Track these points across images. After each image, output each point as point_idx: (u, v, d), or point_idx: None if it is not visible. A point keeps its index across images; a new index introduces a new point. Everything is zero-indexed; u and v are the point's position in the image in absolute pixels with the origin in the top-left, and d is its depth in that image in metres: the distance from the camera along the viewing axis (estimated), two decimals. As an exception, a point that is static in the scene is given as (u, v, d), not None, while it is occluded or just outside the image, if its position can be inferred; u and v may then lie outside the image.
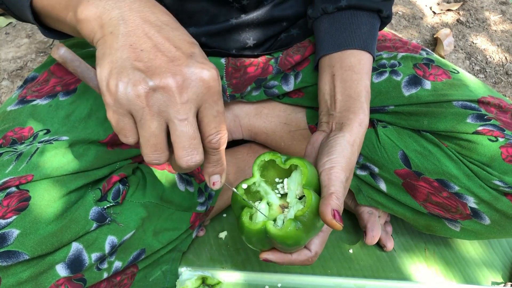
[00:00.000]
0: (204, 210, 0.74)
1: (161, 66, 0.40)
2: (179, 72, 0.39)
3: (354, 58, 0.63)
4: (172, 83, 0.39)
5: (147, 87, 0.39)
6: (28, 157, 0.56)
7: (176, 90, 0.39)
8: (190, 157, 0.41)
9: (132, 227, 0.62)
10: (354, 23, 0.65)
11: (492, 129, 0.63)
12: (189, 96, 0.40)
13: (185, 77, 0.40)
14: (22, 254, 0.51)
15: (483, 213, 0.66)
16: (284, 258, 0.52)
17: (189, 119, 0.40)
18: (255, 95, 0.81)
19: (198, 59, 0.41)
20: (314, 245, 0.53)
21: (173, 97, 0.39)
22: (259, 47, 0.74)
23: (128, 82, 0.39)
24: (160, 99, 0.39)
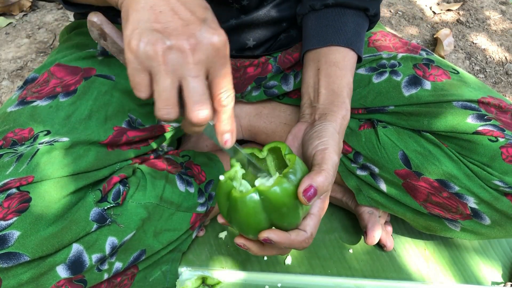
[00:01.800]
0: (205, 211, 0.74)
1: (177, 29, 0.43)
2: (193, 35, 0.43)
3: (339, 55, 0.65)
4: (186, 45, 0.42)
5: (164, 46, 0.42)
6: (28, 159, 0.56)
7: (189, 51, 0.43)
8: (201, 110, 0.44)
9: (132, 228, 0.62)
10: (340, 20, 0.66)
11: (492, 129, 0.63)
12: (200, 57, 0.43)
13: (198, 40, 0.43)
14: (23, 256, 0.51)
15: (483, 213, 0.66)
16: (284, 237, 0.52)
17: (200, 77, 0.43)
18: (255, 95, 0.81)
19: (210, 25, 0.44)
20: (309, 227, 0.54)
21: (186, 57, 0.43)
22: (259, 48, 0.74)
23: (148, 42, 0.42)
24: (175, 58, 0.43)
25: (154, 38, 0.42)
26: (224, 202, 0.52)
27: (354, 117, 0.76)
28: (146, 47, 0.42)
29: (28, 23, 1.41)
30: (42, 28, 1.39)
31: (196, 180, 0.74)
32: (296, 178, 0.50)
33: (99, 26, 0.47)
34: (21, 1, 1.43)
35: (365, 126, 0.74)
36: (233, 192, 0.50)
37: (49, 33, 1.37)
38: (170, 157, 0.75)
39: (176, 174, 0.71)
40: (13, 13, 1.43)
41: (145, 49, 0.42)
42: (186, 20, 0.44)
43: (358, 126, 0.75)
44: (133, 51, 0.43)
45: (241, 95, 0.79)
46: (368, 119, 0.74)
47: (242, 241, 0.54)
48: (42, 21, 1.42)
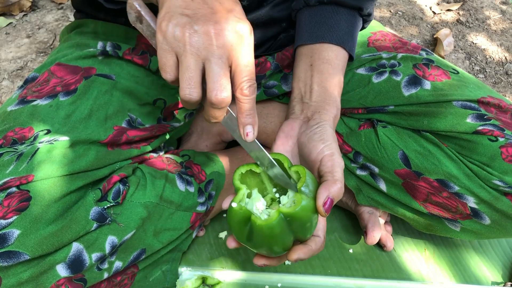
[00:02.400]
0: (204, 210, 0.74)
1: (205, 15, 0.46)
2: (219, 22, 0.46)
3: (332, 53, 0.65)
4: (212, 29, 0.45)
5: (192, 30, 0.45)
6: (28, 157, 0.56)
7: (214, 35, 0.45)
8: (220, 91, 0.46)
9: (132, 227, 0.62)
10: (334, 18, 0.66)
11: (492, 129, 0.63)
12: (224, 41, 0.45)
13: (223, 26, 0.46)
14: (23, 254, 0.51)
15: (483, 213, 0.66)
16: (308, 251, 0.54)
17: (222, 59, 0.46)
18: (256, 95, 0.81)
19: (237, 15, 0.47)
20: (320, 231, 0.56)
21: (211, 41, 0.45)
22: (259, 48, 0.74)
23: (176, 24, 0.45)
24: (200, 41, 0.45)
25: (182, 21, 0.45)
26: (241, 228, 0.51)
27: (354, 117, 0.76)
28: (175, 28, 0.45)
29: (28, 23, 1.41)
30: (42, 28, 1.39)
31: (196, 179, 0.74)
32: (309, 191, 0.51)
33: (137, 9, 0.50)
34: (21, 1, 1.43)
35: (365, 126, 0.74)
36: (257, 221, 0.49)
37: (49, 33, 1.37)
38: (170, 157, 0.75)
39: (176, 173, 0.71)
40: (13, 13, 1.43)
41: (173, 31, 0.45)
42: (214, 9, 0.46)
43: (358, 126, 0.75)
44: (163, 32, 0.46)
45: (241, 95, 0.79)
46: (368, 119, 0.74)
47: (263, 262, 0.55)
48: (42, 21, 1.42)
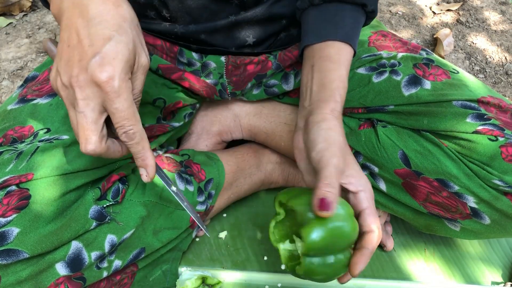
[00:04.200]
0: (204, 210, 0.74)
1: (72, 65, 0.45)
2: (82, 71, 0.45)
3: (333, 49, 0.64)
4: (75, 82, 0.45)
5: (60, 83, 0.47)
6: (28, 156, 0.56)
7: (77, 88, 0.45)
8: (84, 144, 0.46)
9: (131, 226, 0.62)
10: (338, 15, 0.65)
11: (492, 129, 0.63)
12: (87, 93, 0.45)
13: (85, 77, 0.45)
14: (22, 253, 0.51)
15: (483, 213, 0.66)
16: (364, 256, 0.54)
17: (85, 113, 0.45)
18: (256, 93, 0.81)
19: (99, 60, 0.44)
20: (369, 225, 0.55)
21: (75, 94, 0.45)
22: (259, 46, 0.74)
23: (53, 77, 0.48)
24: (69, 93, 0.46)
25: (54, 74, 0.47)
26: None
27: (354, 116, 0.76)
28: (53, 80, 0.48)
29: (28, 23, 1.41)
30: (42, 28, 1.39)
31: (196, 178, 0.74)
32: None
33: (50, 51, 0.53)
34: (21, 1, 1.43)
35: (365, 126, 0.74)
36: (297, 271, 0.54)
37: (49, 33, 1.37)
38: (170, 156, 0.75)
39: (175, 172, 0.71)
40: (13, 13, 1.43)
41: (52, 82, 0.48)
42: (82, 55, 0.45)
43: (358, 126, 0.75)
44: (51, 81, 0.49)
45: (242, 93, 0.79)
46: (368, 119, 0.74)
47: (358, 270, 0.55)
48: (42, 21, 1.42)
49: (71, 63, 0.45)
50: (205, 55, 0.75)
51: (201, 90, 0.76)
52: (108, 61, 0.44)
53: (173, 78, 0.73)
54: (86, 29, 0.45)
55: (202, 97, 0.78)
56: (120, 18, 0.47)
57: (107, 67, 0.44)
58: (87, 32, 0.45)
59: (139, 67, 0.49)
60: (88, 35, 0.45)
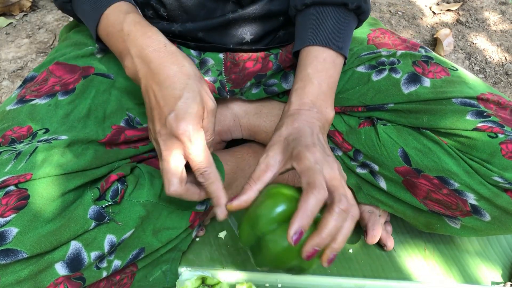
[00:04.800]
0: (204, 209, 0.74)
1: (155, 123, 0.57)
2: (163, 127, 0.56)
3: (305, 53, 0.64)
4: (159, 136, 0.56)
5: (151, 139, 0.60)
6: (27, 156, 0.56)
7: (160, 141, 0.56)
8: (167, 187, 0.56)
9: (131, 226, 0.62)
10: (318, 19, 0.65)
11: (491, 126, 0.62)
12: (168, 144, 0.55)
13: (165, 131, 0.56)
14: (21, 253, 0.51)
15: (483, 210, 0.66)
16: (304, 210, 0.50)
17: (167, 160, 0.55)
18: (255, 92, 0.81)
19: (174, 116, 0.54)
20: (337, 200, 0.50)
21: (159, 146, 0.57)
22: (257, 43, 0.74)
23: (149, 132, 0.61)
24: (157, 146, 0.58)
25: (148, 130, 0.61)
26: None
27: (353, 115, 0.76)
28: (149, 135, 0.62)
29: (28, 23, 1.41)
30: (42, 28, 1.39)
31: (196, 178, 0.74)
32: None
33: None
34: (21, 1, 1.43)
35: (364, 124, 0.73)
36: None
37: (49, 33, 1.37)
38: None
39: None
40: (13, 13, 1.43)
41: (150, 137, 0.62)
42: (160, 114, 0.56)
43: (358, 124, 0.75)
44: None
45: (241, 91, 0.79)
46: (368, 117, 0.74)
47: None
48: (42, 21, 1.42)
49: (155, 121, 0.56)
50: (203, 52, 0.75)
51: (200, 89, 0.76)
52: (182, 116, 0.54)
53: None
54: (160, 93, 0.56)
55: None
56: (185, 77, 0.56)
57: (181, 121, 0.54)
58: (161, 94, 0.55)
59: (208, 113, 0.57)
60: (162, 97, 0.55)
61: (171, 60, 0.57)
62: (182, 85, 0.55)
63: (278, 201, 0.52)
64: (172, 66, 0.56)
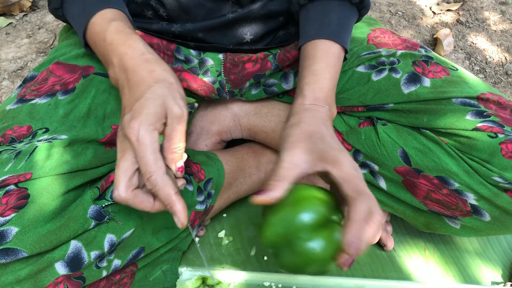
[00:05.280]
0: (204, 209, 0.74)
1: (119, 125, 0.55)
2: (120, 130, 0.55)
3: (312, 46, 0.64)
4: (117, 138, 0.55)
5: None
6: (27, 156, 0.56)
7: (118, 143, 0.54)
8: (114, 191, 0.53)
9: (131, 225, 0.62)
10: (323, 13, 0.65)
11: (491, 126, 0.62)
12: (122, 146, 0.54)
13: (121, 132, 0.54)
14: (21, 252, 0.51)
15: (483, 210, 0.66)
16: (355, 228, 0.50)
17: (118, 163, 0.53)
18: (255, 93, 0.81)
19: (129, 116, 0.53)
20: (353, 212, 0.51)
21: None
22: (256, 43, 0.74)
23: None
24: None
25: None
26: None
27: (353, 115, 0.76)
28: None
29: (28, 23, 1.41)
30: (42, 28, 1.39)
31: (195, 178, 0.73)
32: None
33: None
34: (21, 1, 1.43)
35: (364, 124, 0.73)
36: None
37: (49, 33, 1.37)
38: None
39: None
40: (13, 13, 1.43)
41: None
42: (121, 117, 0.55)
43: (357, 124, 0.75)
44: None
45: (240, 92, 0.79)
46: (368, 117, 0.74)
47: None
48: (42, 21, 1.42)
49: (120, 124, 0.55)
50: (203, 52, 0.75)
51: (199, 89, 0.76)
52: (136, 116, 0.52)
53: None
54: (127, 97, 0.56)
55: (200, 96, 0.78)
56: (152, 81, 0.55)
57: (133, 121, 0.52)
58: (127, 99, 0.55)
59: (173, 119, 0.53)
60: (127, 101, 0.55)
61: (143, 67, 0.56)
62: (145, 88, 0.54)
63: (312, 206, 0.52)
64: (143, 72, 0.56)
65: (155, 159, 0.51)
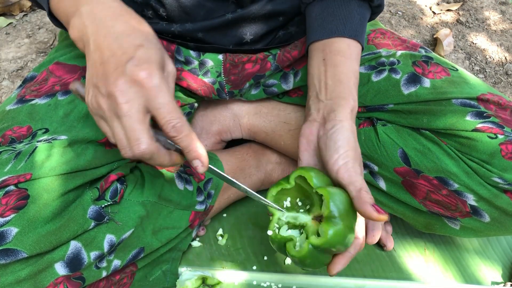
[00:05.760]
0: (203, 209, 0.74)
1: (109, 75, 0.47)
2: (120, 76, 0.47)
3: (344, 44, 0.63)
4: (114, 87, 0.47)
5: (100, 96, 0.48)
6: (26, 156, 0.56)
7: (117, 93, 0.46)
8: (136, 146, 0.47)
9: (130, 225, 0.62)
10: (345, 11, 0.64)
11: (491, 126, 0.62)
12: (129, 96, 0.47)
13: (124, 79, 0.47)
14: (21, 252, 0.51)
15: (482, 211, 0.66)
16: (347, 259, 0.56)
17: (130, 114, 0.46)
18: (255, 93, 0.81)
19: (135, 62, 0.47)
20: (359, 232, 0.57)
21: (116, 99, 0.47)
22: (256, 43, 0.74)
23: (91, 96, 0.49)
24: (110, 104, 0.47)
25: (94, 92, 0.49)
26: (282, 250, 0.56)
27: (353, 115, 0.76)
28: (92, 101, 0.49)
29: (28, 23, 1.41)
30: (42, 28, 1.39)
31: (195, 178, 0.73)
32: (339, 210, 0.52)
33: (78, 93, 0.53)
34: (21, 1, 1.43)
35: (364, 125, 0.73)
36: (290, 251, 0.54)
37: (49, 33, 1.37)
38: None
39: (175, 172, 0.71)
40: (13, 13, 1.43)
41: (91, 104, 0.49)
42: (116, 63, 0.47)
43: (357, 125, 0.75)
44: (88, 106, 0.50)
45: (240, 92, 0.79)
46: (368, 118, 0.74)
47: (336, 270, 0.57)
48: (42, 21, 1.42)
49: (108, 73, 0.47)
50: (203, 53, 0.75)
51: (199, 89, 0.76)
52: (145, 62, 0.47)
53: None
54: (116, 43, 0.48)
55: (200, 96, 0.78)
56: (145, 31, 0.51)
57: (144, 65, 0.47)
58: (118, 44, 0.48)
59: (168, 75, 0.51)
60: (120, 46, 0.48)
61: (129, 15, 0.52)
62: (142, 37, 0.50)
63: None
64: (131, 20, 0.51)
65: (176, 106, 0.48)
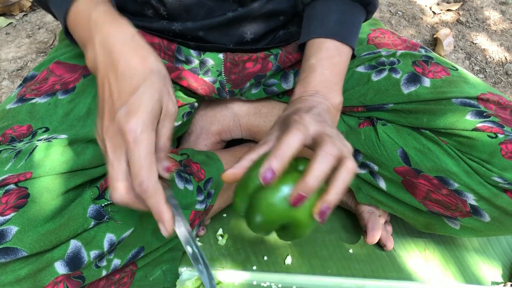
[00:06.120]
0: (203, 209, 0.74)
1: (104, 117, 0.50)
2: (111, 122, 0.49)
3: (311, 45, 0.63)
4: (106, 132, 0.49)
5: (97, 136, 0.51)
6: (27, 155, 0.56)
7: (107, 138, 0.49)
8: (112, 194, 0.49)
9: (130, 224, 0.62)
10: (323, 12, 0.65)
11: (491, 126, 0.62)
12: (114, 143, 0.48)
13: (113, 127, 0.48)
14: (21, 251, 0.51)
15: (482, 210, 0.66)
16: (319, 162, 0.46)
17: (112, 162, 0.48)
18: (255, 93, 0.81)
19: (125, 111, 0.48)
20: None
21: (105, 145, 0.49)
22: (257, 42, 0.74)
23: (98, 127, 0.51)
24: (103, 145, 0.49)
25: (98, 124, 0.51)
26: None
27: (353, 115, 0.76)
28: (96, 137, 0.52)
29: (28, 23, 1.41)
30: (42, 28, 1.39)
31: (195, 177, 0.73)
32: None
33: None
34: (21, 1, 1.43)
35: (364, 124, 0.73)
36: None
37: (49, 33, 1.37)
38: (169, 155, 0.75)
39: (174, 171, 0.71)
40: (13, 13, 1.43)
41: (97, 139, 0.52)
42: (110, 107, 0.49)
43: (357, 124, 0.75)
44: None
45: (240, 92, 0.79)
46: (368, 117, 0.74)
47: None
48: (42, 21, 1.42)
49: (104, 115, 0.49)
50: (203, 52, 0.75)
51: (199, 89, 0.76)
52: (134, 111, 0.47)
53: (171, 77, 0.73)
54: (115, 84, 0.49)
55: (200, 96, 0.78)
56: (147, 70, 0.50)
57: (132, 116, 0.47)
58: (116, 86, 0.49)
59: (166, 115, 0.50)
60: (117, 89, 0.49)
61: (135, 51, 0.51)
62: (140, 78, 0.49)
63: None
64: (135, 58, 0.51)
65: (150, 164, 0.47)
